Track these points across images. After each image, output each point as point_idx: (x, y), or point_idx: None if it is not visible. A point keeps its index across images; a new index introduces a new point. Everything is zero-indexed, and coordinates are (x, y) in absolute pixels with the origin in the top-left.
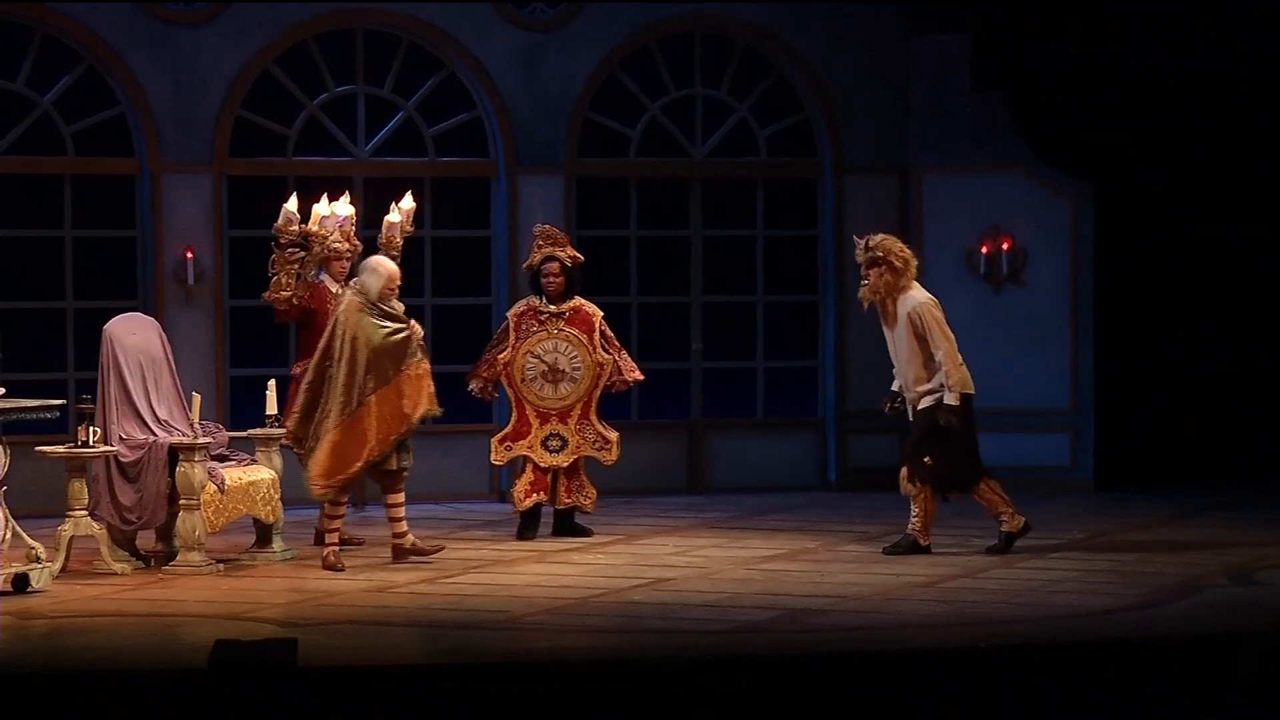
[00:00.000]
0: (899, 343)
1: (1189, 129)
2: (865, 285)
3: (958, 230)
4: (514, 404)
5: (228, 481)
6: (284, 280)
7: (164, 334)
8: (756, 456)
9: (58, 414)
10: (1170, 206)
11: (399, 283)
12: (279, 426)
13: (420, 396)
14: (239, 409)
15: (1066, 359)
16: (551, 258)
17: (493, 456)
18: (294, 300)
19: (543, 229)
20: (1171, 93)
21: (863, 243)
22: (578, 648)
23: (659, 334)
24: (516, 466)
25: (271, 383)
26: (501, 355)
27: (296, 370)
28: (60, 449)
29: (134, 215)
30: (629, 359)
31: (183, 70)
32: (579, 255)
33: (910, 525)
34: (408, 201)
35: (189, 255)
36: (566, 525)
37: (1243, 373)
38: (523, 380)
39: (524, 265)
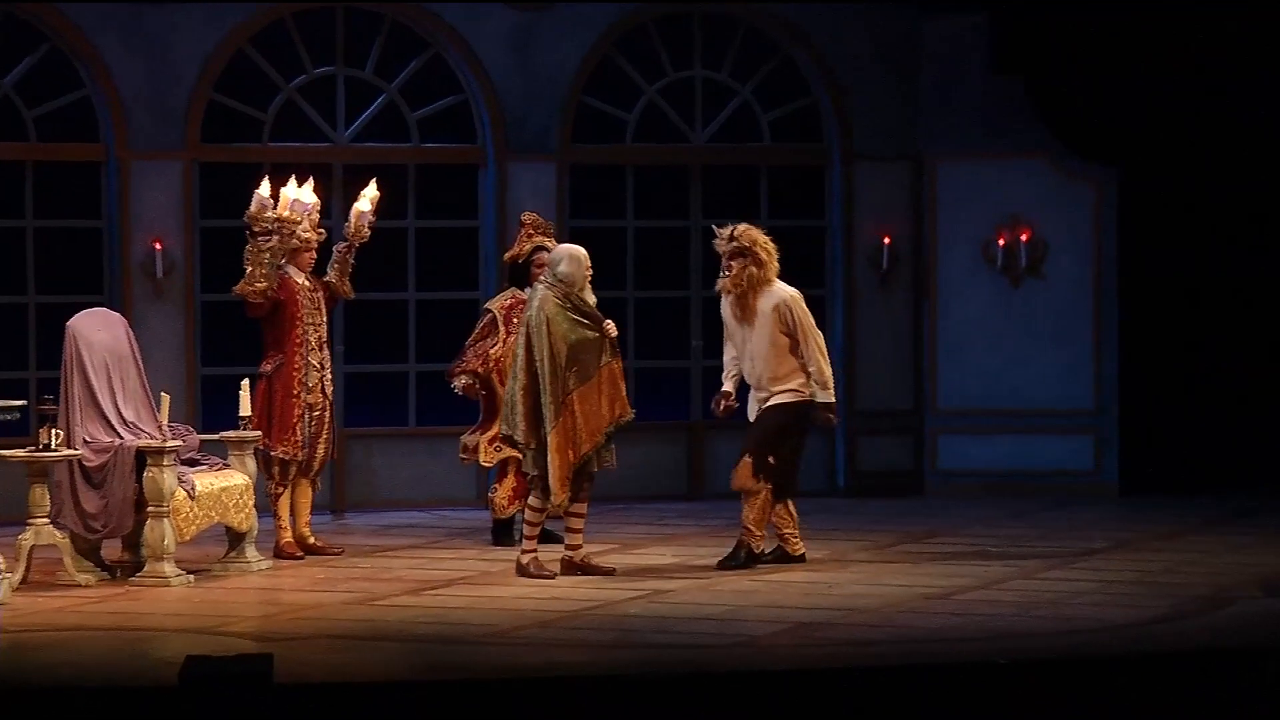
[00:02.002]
0: (757, 339)
1: (1219, 112)
2: (726, 277)
3: (974, 220)
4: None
5: (199, 487)
6: (257, 272)
7: (131, 330)
8: None
9: (18, 415)
10: (1200, 194)
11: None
12: (252, 429)
13: (617, 396)
14: (211, 410)
15: (1089, 356)
16: (543, 247)
17: (481, 457)
18: (268, 293)
19: (532, 218)
20: (1201, 74)
21: (726, 232)
22: (570, 663)
23: (657, 330)
24: (496, 470)
25: (245, 382)
26: (494, 350)
27: (267, 368)
28: (21, 453)
29: (99, 204)
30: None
31: (152, 51)
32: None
33: (744, 531)
34: (374, 189)
35: (158, 247)
36: (544, 533)
37: (1277, 371)
38: None
39: (507, 256)
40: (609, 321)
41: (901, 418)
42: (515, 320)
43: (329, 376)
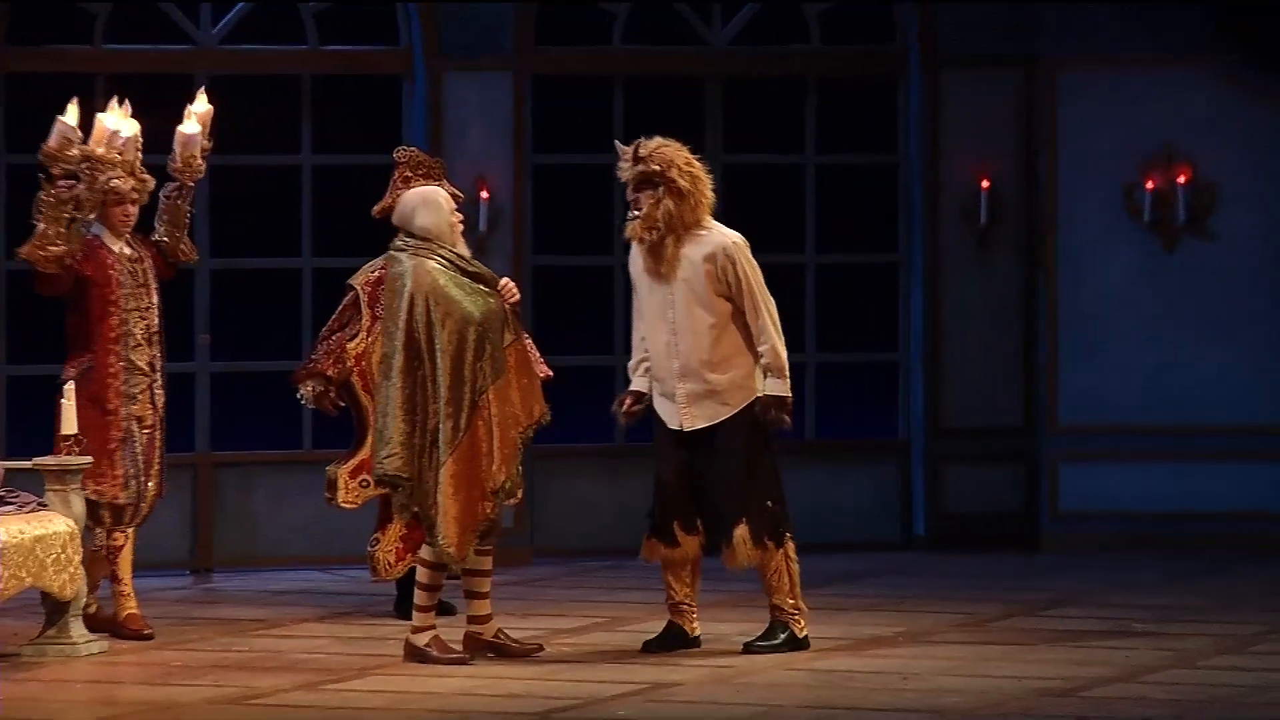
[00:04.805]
0: (682, 305)
1: None
2: (636, 217)
3: (1111, 155)
4: (370, 417)
5: (3, 537)
6: (52, 231)
7: None
8: (806, 497)
9: None
10: None
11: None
12: (80, 452)
13: (532, 390)
14: (20, 426)
15: (1277, 350)
16: None
17: (341, 496)
18: (68, 260)
19: (410, 155)
20: None
21: (630, 151)
22: None
23: None
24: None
25: (69, 387)
26: (353, 344)
27: (70, 371)
28: None
29: None
30: (533, 346)
31: None
32: (459, 193)
33: (778, 611)
34: (201, 103)
35: None
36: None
37: None
38: None
39: (377, 209)
40: (505, 280)
41: (1008, 438)
42: (381, 303)
43: (160, 382)
